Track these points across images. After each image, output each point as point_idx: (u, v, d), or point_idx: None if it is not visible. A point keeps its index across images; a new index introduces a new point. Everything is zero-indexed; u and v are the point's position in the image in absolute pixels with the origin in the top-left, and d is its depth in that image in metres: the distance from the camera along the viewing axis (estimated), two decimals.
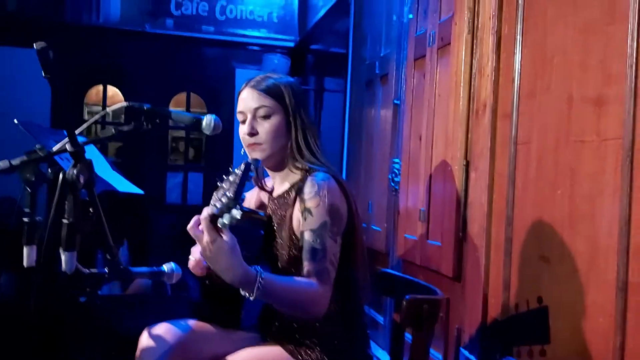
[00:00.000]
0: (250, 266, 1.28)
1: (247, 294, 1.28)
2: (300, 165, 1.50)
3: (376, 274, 1.90)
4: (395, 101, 2.76)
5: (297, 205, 1.44)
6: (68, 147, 1.31)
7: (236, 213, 1.16)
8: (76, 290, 1.45)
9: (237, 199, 1.17)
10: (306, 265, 1.37)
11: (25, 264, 1.33)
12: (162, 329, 1.50)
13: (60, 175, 1.26)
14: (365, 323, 1.55)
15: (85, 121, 1.45)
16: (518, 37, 1.74)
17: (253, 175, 1.25)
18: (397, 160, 2.69)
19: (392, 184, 2.71)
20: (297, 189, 1.46)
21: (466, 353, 1.94)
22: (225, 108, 4.97)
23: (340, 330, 1.48)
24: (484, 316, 1.86)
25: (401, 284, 1.78)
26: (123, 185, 2.13)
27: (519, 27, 1.74)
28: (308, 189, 1.41)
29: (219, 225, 1.20)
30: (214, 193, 1.41)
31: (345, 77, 3.65)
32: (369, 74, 3.22)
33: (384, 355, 2.62)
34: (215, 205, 1.21)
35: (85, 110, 5.66)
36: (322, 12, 4.32)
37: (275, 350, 1.47)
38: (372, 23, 3.23)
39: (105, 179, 2.01)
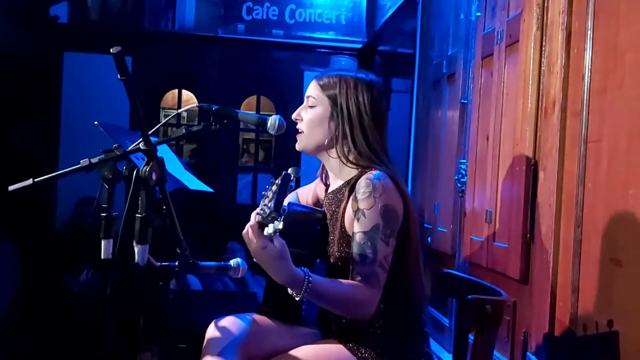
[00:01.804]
0: (299, 267, 1.31)
1: (295, 294, 1.32)
2: (354, 162, 1.50)
3: (440, 275, 1.89)
4: (463, 100, 2.72)
5: (350, 203, 1.45)
6: (142, 146, 1.39)
7: (278, 224, 1.21)
8: (149, 284, 1.53)
9: (278, 210, 1.22)
10: (355, 268, 1.38)
11: (102, 256, 1.42)
12: (228, 321, 1.55)
13: (134, 173, 1.35)
14: (423, 321, 1.55)
15: (162, 124, 1.54)
16: (589, 32, 1.69)
17: (293, 185, 1.30)
18: (463, 160, 2.65)
19: (459, 185, 2.68)
20: (351, 186, 1.47)
21: (533, 358, 1.89)
22: (293, 110, 5.04)
23: (396, 329, 1.48)
24: (551, 320, 1.80)
25: (465, 285, 1.76)
26: (194, 183, 2.22)
27: (590, 22, 1.68)
28: (362, 189, 1.42)
29: (265, 234, 1.25)
30: (261, 201, 1.45)
31: (412, 78, 3.63)
32: (436, 74, 3.19)
33: (449, 358, 2.59)
34: (260, 215, 1.26)
35: (162, 113, 5.90)
36: (389, 13, 4.31)
37: (336, 347, 1.49)
38: (440, 22, 3.20)
39: (177, 177, 2.10)
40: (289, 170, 1.33)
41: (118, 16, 5.23)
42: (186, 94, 5.63)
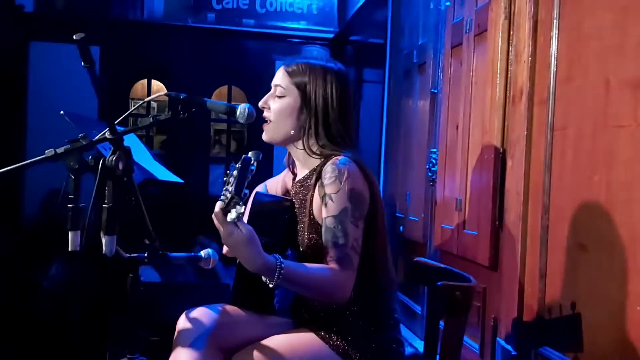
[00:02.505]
0: (271, 254, 1.31)
1: (268, 281, 1.31)
2: (319, 150, 1.51)
3: (411, 263, 1.91)
4: (433, 90, 2.74)
5: (317, 189, 1.45)
6: (108, 135, 1.37)
7: (240, 208, 1.21)
8: (119, 275, 1.51)
9: (239, 194, 1.21)
10: (328, 252, 1.38)
11: (69, 248, 1.40)
12: (199, 312, 1.54)
13: (100, 162, 1.32)
14: (393, 307, 1.56)
15: (130, 115, 1.51)
16: (555, 21, 1.71)
17: (254, 169, 1.29)
18: (434, 150, 2.67)
19: (430, 174, 2.70)
20: (317, 173, 1.47)
21: (502, 343, 1.92)
22: None
23: (367, 315, 1.49)
24: (520, 306, 1.84)
25: (435, 272, 1.78)
26: (163, 174, 2.20)
27: (556, 11, 1.70)
28: (328, 174, 1.42)
29: (228, 220, 1.23)
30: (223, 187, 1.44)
31: (383, 68, 3.63)
32: (407, 64, 3.20)
33: (422, 345, 2.62)
34: (222, 201, 1.25)
35: (131, 104, 5.80)
36: (360, 3, 4.31)
37: (307, 335, 1.50)
38: (410, 12, 3.21)
39: (146, 167, 2.07)
40: (249, 154, 1.31)
41: (85, 5, 5.11)
42: (156, 84, 5.55)
